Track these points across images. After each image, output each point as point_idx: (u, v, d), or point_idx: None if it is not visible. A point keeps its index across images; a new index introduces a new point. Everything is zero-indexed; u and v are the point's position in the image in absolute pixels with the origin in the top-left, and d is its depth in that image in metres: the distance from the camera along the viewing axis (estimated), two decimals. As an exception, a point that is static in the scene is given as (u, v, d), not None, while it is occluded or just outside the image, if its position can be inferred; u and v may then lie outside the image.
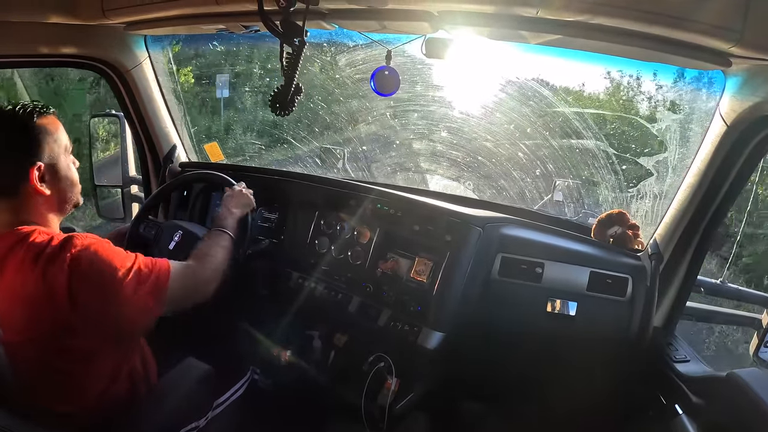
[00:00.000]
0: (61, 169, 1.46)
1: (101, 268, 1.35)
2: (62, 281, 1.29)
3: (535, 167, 2.96)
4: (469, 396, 2.32)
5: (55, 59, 2.28)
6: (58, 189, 1.46)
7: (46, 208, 1.45)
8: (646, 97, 4.88)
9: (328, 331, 2.15)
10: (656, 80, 4.41)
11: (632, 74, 4.75)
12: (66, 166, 1.48)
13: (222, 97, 7.23)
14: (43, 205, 1.43)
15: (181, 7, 1.68)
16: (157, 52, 2.44)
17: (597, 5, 1.16)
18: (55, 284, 1.29)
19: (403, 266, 2.03)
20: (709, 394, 1.66)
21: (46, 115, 1.43)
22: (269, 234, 2.38)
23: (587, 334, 1.91)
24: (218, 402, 1.83)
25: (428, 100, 3.26)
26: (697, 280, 1.90)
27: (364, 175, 3.32)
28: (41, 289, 1.28)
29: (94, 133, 2.82)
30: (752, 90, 1.39)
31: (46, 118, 1.43)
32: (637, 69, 4.44)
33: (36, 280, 1.28)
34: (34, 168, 1.38)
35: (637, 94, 5.00)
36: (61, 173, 1.46)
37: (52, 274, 1.29)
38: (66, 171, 1.48)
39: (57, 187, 1.45)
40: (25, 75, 6.71)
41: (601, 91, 5.08)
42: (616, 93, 5.10)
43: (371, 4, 1.41)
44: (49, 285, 1.29)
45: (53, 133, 1.44)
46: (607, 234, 2.04)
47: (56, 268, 1.29)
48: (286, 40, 1.30)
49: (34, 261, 1.30)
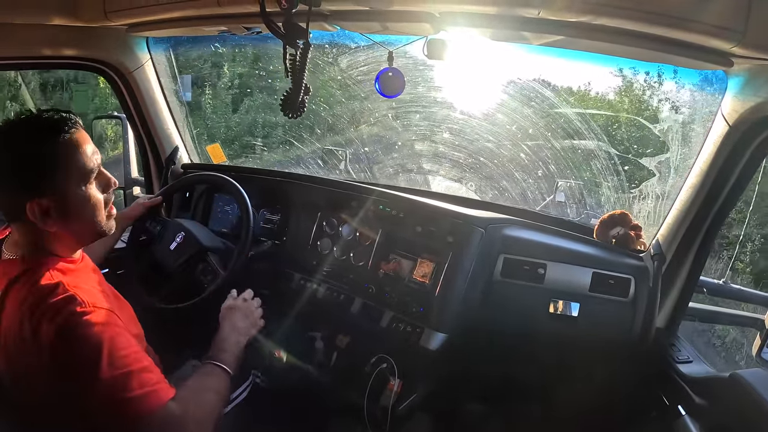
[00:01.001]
0: (73, 205, 1.22)
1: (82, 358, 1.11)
2: (46, 346, 1.09)
3: (537, 168, 2.96)
4: (471, 397, 2.31)
5: (58, 61, 2.28)
6: (69, 226, 1.24)
7: (59, 242, 1.25)
8: (647, 98, 4.89)
9: (330, 332, 2.15)
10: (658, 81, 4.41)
11: (634, 75, 4.76)
12: (83, 199, 1.24)
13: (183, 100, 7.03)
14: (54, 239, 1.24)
15: (183, 9, 1.69)
16: (159, 53, 2.44)
17: (599, 6, 1.17)
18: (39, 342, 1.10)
19: (405, 267, 2.03)
20: (712, 395, 1.66)
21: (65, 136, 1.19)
22: (271, 235, 2.38)
23: (590, 335, 1.91)
24: None
25: (430, 102, 3.27)
26: (700, 281, 1.90)
27: (366, 177, 3.32)
28: (27, 338, 1.11)
29: (100, 134, 2.83)
30: (754, 90, 1.39)
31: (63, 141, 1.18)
32: (639, 70, 4.45)
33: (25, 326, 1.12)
34: (33, 204, 1.16)
35: (639, 95, 5.01)
36: (74, 209, 1.23)
37: (40, 332, 1.10)
38: (82, 205, 1.24)
39: (67, 222, 1.22)
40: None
41: (603, 91, 5.10)
42: (618, 93, 5.10)
43: (373, 5, 1.41)
44: (33, 338, 1.10)
45: (68, 160, 1.19)
46: (610, 235, 2.03)
47: (44, 329, 1.10)
48: (289, 42, 1.30)
49: (28, 307, 1.12)
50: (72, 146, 1.20)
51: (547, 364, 2.01)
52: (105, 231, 1.32)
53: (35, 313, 1.11)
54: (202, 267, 2.12)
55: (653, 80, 4.61)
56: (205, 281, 2.09)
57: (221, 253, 2.16)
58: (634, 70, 4.48)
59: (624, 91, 5.07)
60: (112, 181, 1.32)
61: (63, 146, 1.18)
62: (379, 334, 1.99)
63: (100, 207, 1.29)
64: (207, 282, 2.08)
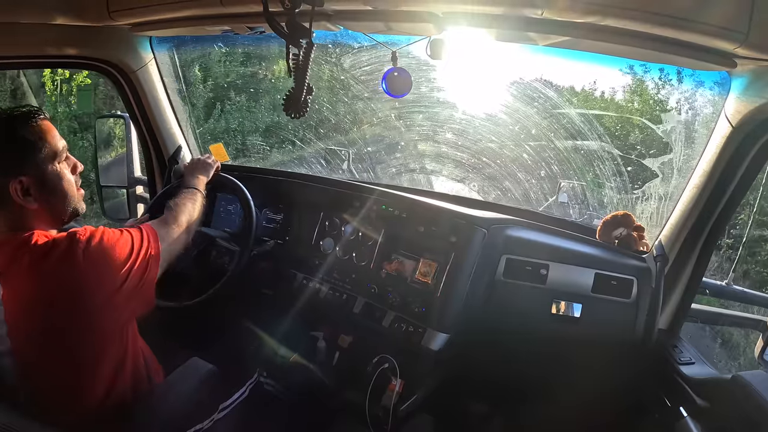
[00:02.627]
0: (49, 181, 1.39)
1: (113, 256, 1.37)
2: (76, 276, 1.30)
3: (540, 168, 2.96)
4: (473, 397, 2.31)
5: (61, 60, 2.29)
6: (48, 201, 1.39)
7: (39, 220, 1.39)
8: (651, 99, 4.88)
9: (332, 332, 2.15)
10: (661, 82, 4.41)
11: (637, 76, 4.75)
12: (57, 176, 1.41)
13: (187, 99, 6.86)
14: (35, 217, 1.38)
15: (186, 9, 1.69)
16: (163, 53, 2.44)
17: (603, 6, 1.16)
18: (66, 282, 1.30)
19: (407, 267, 2.03)
20: (714, 397, 1.65)
21: (35, 122, 1.36)
22: (274, 235, 2.38)
23: (592, 335, 1.91)
24: (224, 405, 1.83)
25: (433, 102, 3.27)
26: (702, 282, 1.90)
27: (368, 177, 3.32)
28: (53, 290, 1.30)
29: (107, 133, 2.83)
30: (757, 91, 1.39)
31: (35, 125, 1.36)
32: (643, 70, 4.44)
33: (46, 283, 1.29)
34: (14, 182, 1.32)
35: (643, 96, 5.00)
36: (50, 185, 1.39)
37: (64, 272, 1.30)
38: (56, 181, 1.41)
39: (46, 199, 1.39)
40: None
41: (606, 92, 5.09)
42: (621, 94, 5.10)
43: (376, 5, 1.41)
44: (60, 284, 1.30)
45: (41, 142, 1.36)
46: (612, 235, 2.03)
47: (68, 266, 1.30)
48: (292, 42, 1.30)
49: (41, 264, 1.30)
50: (44, 130, 1.38)
51: (549, 364, 2.02)
52: (78, 208, 1.49)
53: (46, 265, 1.30)
54: (216, 252, 2.17)
55: (657, 81, 4.61)
56: (224, 262, 2.14)
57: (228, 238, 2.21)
58: (637, 71, 4.47)
59: (627, 91, 5.07)
60: (79, 164, 1.50)
61: (36, 130, 1.36)
62: (382, 334, 1.99)
63: (73, 184, 1.47)
64: (226, 263, 2.13)
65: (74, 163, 1.48)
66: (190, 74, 6.63)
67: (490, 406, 2.32)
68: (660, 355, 1.84)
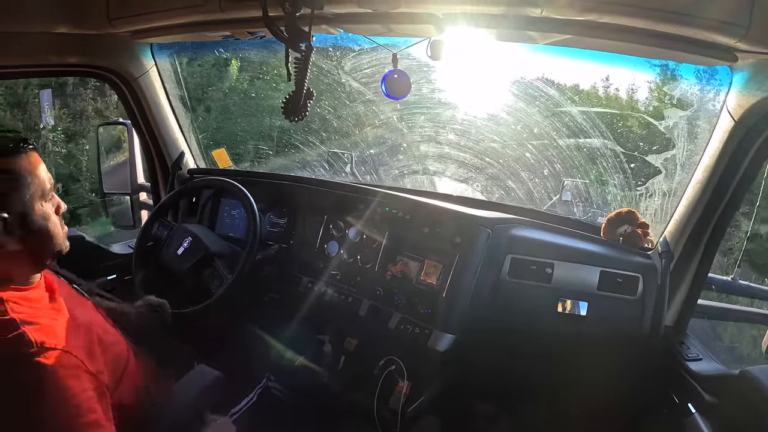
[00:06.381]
0: (33, 221, 1.24)
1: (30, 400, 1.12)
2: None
3: (543, 167, 2.95)
4: (480, 397, 2.31)
5: (63, 68, 2.31)
6: (29, 242, 1.25)
7: (16, 263, 1.26)
8: (652, 95, 4.86)
9: (338, 335, 2.15)
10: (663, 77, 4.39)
11: (638, 72, 4.73)
12: (42, 215, 1.27)
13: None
14: (12, 260, 1.24)
15: (186, 15, 1.70)
16: (164, 59, 2.45)
17: (602, 3, 1.17)
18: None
19: (412, 269, 2.03)
20: (722, 393, 1.65)
21: (20, 155, 1.22)
22: (278, 239, 2.38)
23: (598, 333, 1.90)
24: (233, 411, 1.83)
25: (434, 103, 3.26)
26: (708, 278, 1.89)
27: (372, 179, 3.31)
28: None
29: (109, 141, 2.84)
30: (759, 85, 1.38)
31: (19, 159, 1.21)
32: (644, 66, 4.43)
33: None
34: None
35: (644, 92, 4.98)
36: (34, 225, 1.25)
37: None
38: (40, 221, 1.26)
39: (27, 240, 1.24)
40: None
41: (608, 89, 5.08)
42: (623, 91, 5.08)
43: (376, 7, 1.41)
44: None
45: (24, 178, 1.21)
46: (617, 233, 2.03)
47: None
48: (292, 46, 1.30)
49: None
50: (33, 164, 1.24)
51: (556, 363, 2.01)
52: (62, 249, 1.35)
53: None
54: (209, 272, 2.13)
55: (658, 77, 4.59)
56: (212, 286, 2.10)
57: (228, 258, 2.18)
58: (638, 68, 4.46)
59: (628, 88, 5.06)
60: (62, 204, 1.36)
61: (25, 163, 1.22)
62: (388, 336, 1.99)
63: (58, 224, 1.33)
64: (214, 287, 2.09)
65: (58, 203, 1.35)
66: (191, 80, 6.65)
67: (497, 407, 2.32)
68: (667, 352, 1.84)
